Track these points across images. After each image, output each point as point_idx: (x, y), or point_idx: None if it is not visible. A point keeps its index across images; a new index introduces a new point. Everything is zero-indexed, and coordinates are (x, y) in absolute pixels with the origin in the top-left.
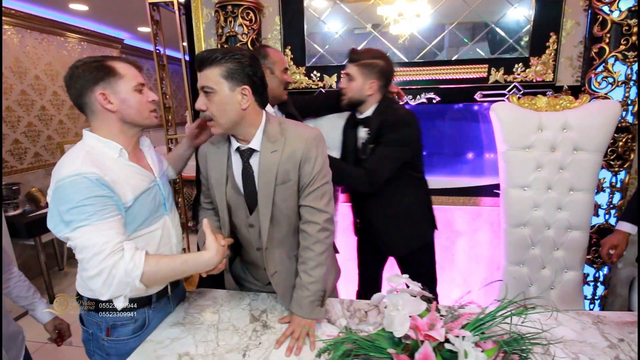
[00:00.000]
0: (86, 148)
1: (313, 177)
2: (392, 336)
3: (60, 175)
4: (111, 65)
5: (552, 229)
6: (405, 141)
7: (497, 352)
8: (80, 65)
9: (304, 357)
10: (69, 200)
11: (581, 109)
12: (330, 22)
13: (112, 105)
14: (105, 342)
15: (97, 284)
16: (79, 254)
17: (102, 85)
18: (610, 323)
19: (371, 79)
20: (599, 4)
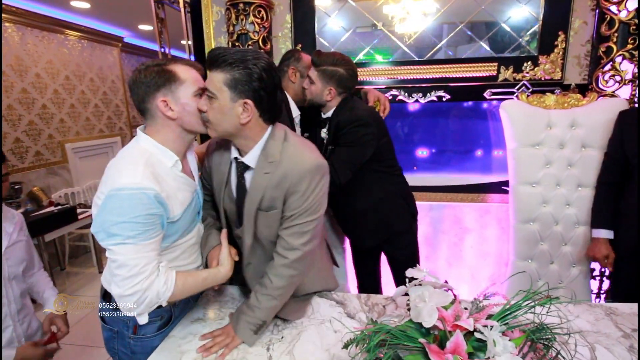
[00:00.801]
0: (145, 155)
1: (297, 211)
2: (420, 327)
3: (119, 184)
4: (172, 69)
5: (561, 225)
6: (362, 141)
7: (524, 341)
8: (143, 69)
9: (331, 349)
10: (122, 213)
11: (589, 106)
12: (341, 20)
13: (173, 112)
14: (132, 339)
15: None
16: (117, 270)
17: (163, 92)
18: (623, 314)
19: (329, 86)
20: (606, 3)
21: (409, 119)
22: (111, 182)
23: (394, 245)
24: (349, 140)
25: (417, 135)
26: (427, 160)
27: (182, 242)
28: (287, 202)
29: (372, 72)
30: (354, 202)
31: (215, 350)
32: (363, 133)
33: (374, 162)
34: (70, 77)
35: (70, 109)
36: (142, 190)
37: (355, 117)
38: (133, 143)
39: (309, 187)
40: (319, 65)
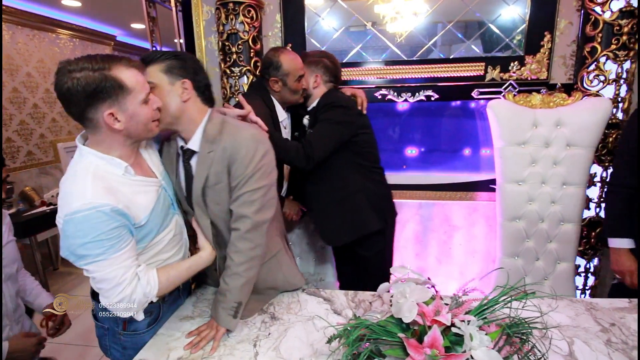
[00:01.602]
0: (90, 168)
1: (241, 179)
2: (400, 322)
3: (71, 209)
4: (117, 77)
5: (546, 222)
6: (339, 120)
7: (500, 335)
8: (77, 72)
9: (315, 344)
10: (83, 235)
11: (574, 106)
12: (331, 20)
13: (120, 123)
14: (122, 335)
15: (119, 309)
16: (97, 284)
17: (109, 103)
18: (603, 309)
19: (316, 72)
20: (591, 4)
21: (398, 118)
22: (65, 206)
23: (363, 245)
24: (327, 118)
25: (407, 135)
26: (416, 159)
27: (160, 238)
28: (230, 173)
29: (362, 71)
30: (325, 191)
31: (203, 344)
32: (341, 113)
33: (352, 153)
34: None
35: (62, 108)
36: (96, 208)
37: (332, 100)
38: (77, 158)
39: (248, 153)
40: (305, 59)
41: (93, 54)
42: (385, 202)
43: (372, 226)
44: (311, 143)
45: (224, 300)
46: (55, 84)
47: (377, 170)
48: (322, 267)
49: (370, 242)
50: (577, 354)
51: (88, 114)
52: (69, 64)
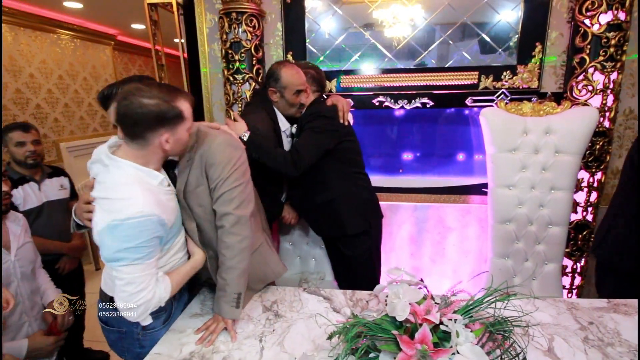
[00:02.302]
0: (135, 179)
1: (219, 181)
2: (394, 320)
3: (123, 215)
4: (179, 107)
5: (535, 225)
6: (322, 129)
7: (483, 332)
8: (153, 101)
9: (316, 340)
10: (129, 240)
11: (563, 114)
12: (330, 27)
13: (169, 145)
14: (141, 335)
15: (135, 314)
16: (124, 287)
17: (167, 128)
18: (583, 309)
19: (314, 88)
20: (581, 17)
21: (394, 124)
22: (116, 212)
23: (348, 245)
24: (312, 127)
25: (403, 140)
26: (412, 164)
27: (179, 238)
28: (209, 176)
29: (360, 79)
30: (313, 196)
31: (215, 338)
32: (324, 122)
33: (336, 160)
34: (64, 76)
35: (65, 108)
36: (146, 217)
37: (316, 110)
38: (114, 169)
39: (223, 158)
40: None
41: (162, 84)
42: (369, 206)
43: (353, 228)
44: (298, 151)
45: (225, 294)
46: (125, 107)
47: (361, 176)
48: (322, 266)
49: (355, 242)
50: (556, 350)
51: (147, 135)
52: (140, 90)
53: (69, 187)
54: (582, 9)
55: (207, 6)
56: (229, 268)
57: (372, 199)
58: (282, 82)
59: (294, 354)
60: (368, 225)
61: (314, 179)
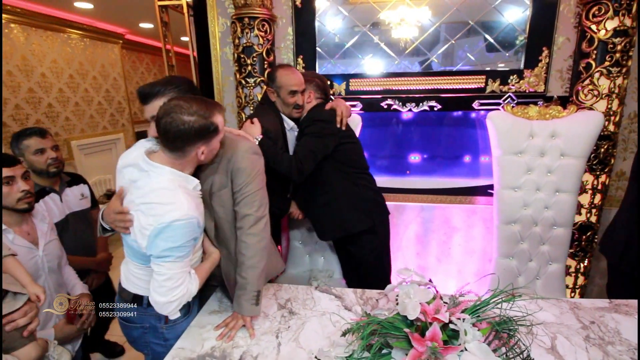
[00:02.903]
0: (176, 184)
1: (244, 185)
2: (405, 319)
3: (172, 217)
4: (216, 122)
5: (539, 226)
6: (321, 133)
7: (490, 331)
8: (194, 118)
9: (331, 337)
10: (175, 240)
11: (568, 118)
12: (340, 32)
13: (204, 155)
14: (165, 329)
15: (170, 308)
16: (164, 282)
17: (204, 141)
18: (585, 308)
19: (309, 90)
20: (587, 22)
21: (402, 127)
22: (165, 214)
23: (355, 244)
24: (311, 132)
25: (410, 142)
26: (419, 165)
27: (199, 241)
28: (233, 180)
29: (368, 82)
30: (315, 197)
31: (234, 334)
32: (322, 127)
33: (337, 162)
34: (74, 75)
35: (75, 107)
36: (190, 219)
37: (314, 114)
38: (156, 175)
39: (248, 164)
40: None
41: (200, 98)
42: (372, 204)
43: (356, 226)
44: (300, 159)
45: (245, 292)
46: (167, 123)
47: (364, 176)
48: (331, 264)
49: (362, 241)
50: (558, 347)
51: (186, 148)
52: (180, 107)
53: (89, 196)
54: (589, 15)
55: (220, 10)
56: (249, 267)
57: (376, 198)
58: (278, 82)
59: (310, 349)
60: (372, 222)
61: (315, 180)
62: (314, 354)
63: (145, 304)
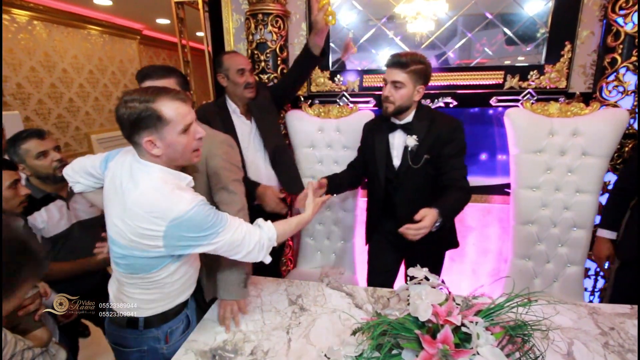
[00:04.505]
0: (168, 181)
1: (217, 172)
2: (417, 320)
3: (177, 213)
4: (158, 109)
5: (558, 227)
6: (466, 146)
7: (503, 335)
8: (129, 102)
9: (341, 335)
10: (199, 225)
11: (591, 116)
12: (354, 28)
13: (158, 150)
14: (165, 349)
15: (254, 254)
16: (230, 247)
17: (149, 132)
18: (604, 314)
19: (419, 84)
20: (613, 15)
21: None
22: (168, 215)
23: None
24: (462, 147)
25: None
26: None
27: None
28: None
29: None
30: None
31: (238, 319)
32: (464, 137)
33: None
34: (94, 71)
35: (95, 102)
36: (197, 204)
37: (457, 122)
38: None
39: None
40: (407, 66)
41: (147, 87)
42: None
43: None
44: (465, 180)
45: (232, 278)
46: (115, 110)
47: None
48: (342, 261)
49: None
50: (575, 354)
51: (133, 139)
52: (127, 94)
53: None
54: (615, 8)
55: (234, 7)
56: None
57: None
58: (225, 65)
59: (319, 346)
60: None
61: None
62: (324, 352)
63: (141, 326)
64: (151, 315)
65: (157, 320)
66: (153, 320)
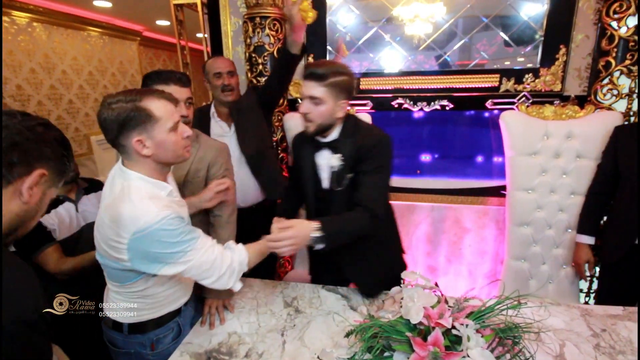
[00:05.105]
0: (143, 192)
1: (217, 179)
2: (408, 323)
3: (144, 224)
4: (146, 107)
5: (553, 229)
6: (389, 161)
7: (493, 338)
8: (114, 103)
9: (335, 337)
10: (168, 238)
11: (585, 119)
12: (352, 30)
13: (148, 149)
14: (151, 356)
15: (225, 279)
16: (198, 269)
17: (138, 131)
18: (597, 315)
19: (341, 98)
20: (608, 19)
21: (413, 126)
22: (132, 226)
23: None
24: (378, 165)
25: (421, 141)
26: (430, 165)
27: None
28: (210, 171)
29: (379, 81)
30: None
31: (223, 315)
32: (389, 154)
33: None
34: (94, 72)
35: (95, 103)
36: (165, 218)
37: (378, 137)
38: (123, 182)
39: (223, 160)
40: (325, 78)
41: (131, 89)
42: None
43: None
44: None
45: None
46: (97, 115)
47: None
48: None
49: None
50: (566, 355)
51: (119, 140)
52: (109, 97)
53: None
54: (610, 12)
55: (232, 10)
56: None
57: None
58: (206, 70)
59: (314, 349)
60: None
61: None
62: (317, 354)
63: (125, 331)
64: (135, 322)
65: (142, 327)
66: (137, 327)
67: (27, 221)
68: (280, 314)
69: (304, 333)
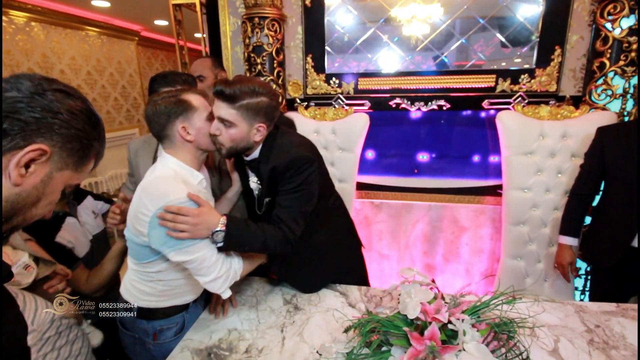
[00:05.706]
0: (178, 176)
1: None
2: (406, 318)
3: (168, 200)
4: (187, 99)
5: (549, 228)
6: (308, 180)
7: (488, 332)
8: (160, 100)
9: (333, 333)
10: None
11: (580, 119)
12: (350, 30)
13: (191, 136)
14: (152, 345)
15: (218, 284)
16: (200, 264)
17: (181, 119)
18: (591, 312)
19: (258, 122)
20: (602, 20)
21: (411, 126)
22: (160, 200)
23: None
24: (294, 186)
25: (419, 141)
26: (427, 164)
27: None
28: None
29: (377, 81)
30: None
31: (227, 307)
32: (307, 173)
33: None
34: (92, 72)
35: (92, 103)
36: (189, 201)
37: (294, 157)
38: (161, 165)
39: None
40: (235, 100)
41: (168, 89)
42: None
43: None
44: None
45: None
46: (145, 112)
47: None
48: None
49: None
50: (560, 350)
51: (166, 130)
52: (154, 96)
53: (100, 210)
54: (604, 13)
55: (231, 10)
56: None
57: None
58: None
59: (313, 344)
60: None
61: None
62: (316, 349)
63: (134, 313)
64: (144, 307)
65: (148, 314)
66: (144, 313)
67: (23, 208)
68: (279, 311)
69: (303, 329)
